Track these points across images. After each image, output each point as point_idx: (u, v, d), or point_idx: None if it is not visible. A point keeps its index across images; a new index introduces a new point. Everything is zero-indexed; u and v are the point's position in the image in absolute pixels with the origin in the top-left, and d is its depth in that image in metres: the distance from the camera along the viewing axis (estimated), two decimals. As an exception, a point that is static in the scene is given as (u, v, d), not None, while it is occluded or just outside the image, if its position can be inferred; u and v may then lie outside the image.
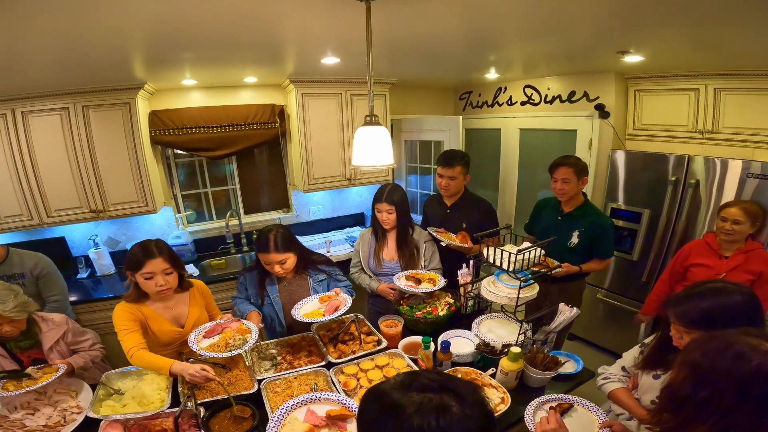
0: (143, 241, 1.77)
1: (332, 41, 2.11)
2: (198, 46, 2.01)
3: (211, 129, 3.10)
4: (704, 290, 1.21)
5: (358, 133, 1.54)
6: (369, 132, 1.53)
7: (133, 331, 1.69)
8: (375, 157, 1.52)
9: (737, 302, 1.15)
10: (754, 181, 2.35)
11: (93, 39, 1.65)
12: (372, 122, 1.54)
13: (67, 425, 1.48)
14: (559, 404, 1.54)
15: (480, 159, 4.13)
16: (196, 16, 1.49)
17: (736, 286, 1.19)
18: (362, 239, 2.49)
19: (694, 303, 1.20)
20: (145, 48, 1.96)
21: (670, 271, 2.39)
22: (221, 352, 1.65)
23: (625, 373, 1.53)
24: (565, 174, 2.30)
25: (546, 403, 1.57)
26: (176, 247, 3.16)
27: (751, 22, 1.64)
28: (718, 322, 1.15)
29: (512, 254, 1.69)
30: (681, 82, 2.72)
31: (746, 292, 1.17)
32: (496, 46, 2.38)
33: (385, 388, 0.74)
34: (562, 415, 1.51)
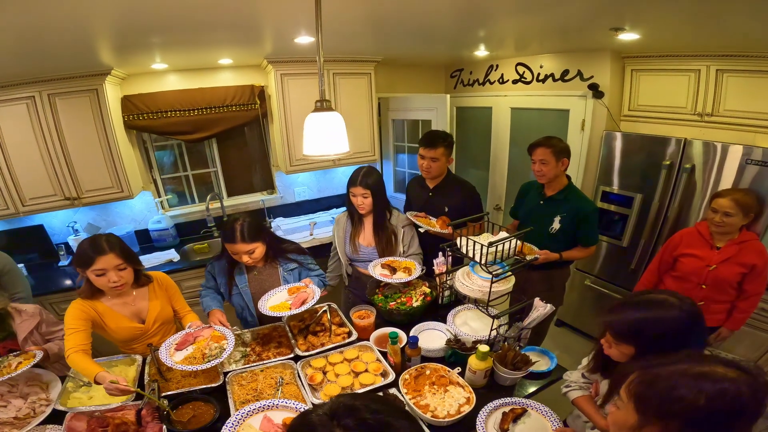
0: (93, 236, 1.68)
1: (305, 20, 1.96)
2: (166, 30, 1.88)
3: (187, 112, 2.98)
4: (641, 300, 1.12)
5: (307, 120, 1.41)
6: (320, 119, 1.40)
7: (78, 331, 1.62)
8: (328, 145, 1.40)
9: (673, 318, 1.04)
10: (753, 168, 2.19)
11: (51, 26, 1.55)
12: (323, 108, 1.41)
13: (36, 417, 1.46)
14: (512, 409, 1.46)
15: (471, 138, 3.98)
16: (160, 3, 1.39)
17: (680, 301, 1.07)
18: (338, 224, 2.39)
19: (626, 313, 1.11)
20: (109, 34, 1.84)
21: (659, 261, 2.28)
22: (199, 364, 1.57)
23: (585, 379, 1.45)
24: (542, 155, 2.18)
25: (499, 407, 1.49)
26: (157, 232, 3.11)
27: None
28: (644, 336, 1.06)
29: (483, 246, 1.58)
30: (681, 62, 2.54)
31: (688, 309, 1.05)
32: (487, 21, 2.20)
33: (312, 420, 0.66)
34: (516, 421, 1.43)
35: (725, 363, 0.79)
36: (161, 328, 1.91)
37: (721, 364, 0.78)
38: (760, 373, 0.78)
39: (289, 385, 1.64)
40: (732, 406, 0.74)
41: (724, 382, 0.75)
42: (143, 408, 1.44)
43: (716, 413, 0.74)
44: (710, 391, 0.74)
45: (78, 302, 1.70)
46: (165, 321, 1.92)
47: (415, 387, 1.60)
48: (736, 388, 0.74)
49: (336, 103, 3.22)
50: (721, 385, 0.75)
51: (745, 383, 0.74)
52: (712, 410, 0.74)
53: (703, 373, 0.77)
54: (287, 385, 1.64)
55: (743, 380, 0.75)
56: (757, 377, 0.76)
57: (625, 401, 0.86)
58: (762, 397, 0.74)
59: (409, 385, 1.60)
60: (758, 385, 0.75)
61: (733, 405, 0.74)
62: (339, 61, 3.11)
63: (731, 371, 0.77)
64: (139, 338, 1.85)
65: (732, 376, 0.75)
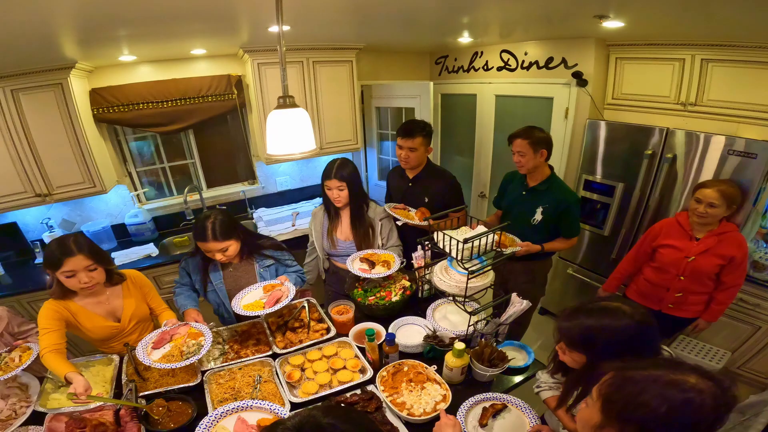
0: (60, 237, 1.64)
1: None
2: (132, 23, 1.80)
3: (161, 104, 2.87)
4: (593, 308, 1.10)
5: (270, 117, 1.35)
6: (284, 116, 1.34)
7: (51, 331, 1.59)
8: (292, 144, 1.34)
9: (622, 327, 1.03)
10: (735, 159, 2.17)
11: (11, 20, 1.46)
12: (286, 104, 1.35)
13: (18, 418, 1.46)
14: (492, 405, 1.46)
15: (456, 125, 3.94)
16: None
17: (632, 310, 1.06)
18: (314, 218, 2.34)
19: (579, 320, 1.10)
20: (71, 28, 1.75)
21: (637, 250, 2.28)
22: (177, 362, 1.54)
23: (555, 379, 1.44)
24: (520, 147, 2.15)
25: (480, 402, 1.49)
26: (134, 226, 3.05)
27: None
28: (596, 345, 1.06)
29: (459, 242, 1.55)
30: (666, 51, 2.50)
31: (638, 319, 1.04)
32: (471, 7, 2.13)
33: None
34: (496, 416, 1.44)
35: (700, 373, 0.78)
36: (137, 326, 1.89)
37: (694, 374, 0.77)
38: (730, 387, 0.77)
39: (267, 383, 1.63)
40: (691, 418, 0.73)
41: (691, 392, 0.74)
42: (121, 408, 1.44)
43: (674, 423, 0.74)
44: (675, 400, 0.74)
45: (50, 302, 1.68)
46: (141, 319, 1.89)
47: (392, 384, 1.60)
48: (700, 400, 0.73)
49: (316, 92, 3.14)
50: (687, 395, 0.74)
51: (710, 396, 0.74)
52: (670, 419, 0.74)
53: (673, 382, 0.77)
54: (265, 383, 1.62)
55: (710, 392, 0.74)
56: (725, 391, 0.75)
57: (594, 400, 0.86)
58: (723, 412, 0.74)
59: (387, 383, 1.60)
60: (724, 399, 0.74)
61: (693, 416, 0.73)
62: (319, 48, 3.01)
63: (702, 382, 0.76)
64: (115, 337, 1.83)
65: (700, 387, 0.74)
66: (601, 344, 1.06)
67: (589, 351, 1.10)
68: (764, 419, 1.72)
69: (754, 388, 2.56)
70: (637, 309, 1.08)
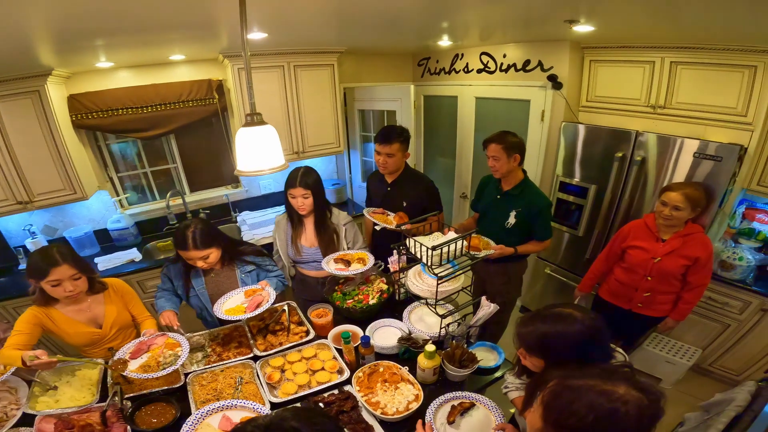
0: (43, 248, 1.70)
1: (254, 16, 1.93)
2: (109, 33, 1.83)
3: (140, 109, 2.90)
4: (548, 314, 1.17)
5: (238, 135, 1.38)
6: (252, 134, 1.36)
7: (22, 333, 1.67)
8: (262, 161, 1.37)
9: (574, 332, 1.10)
10: (702, 162, 2.26)
11: None
12: (254, 122, 1.38)
13: (9, 420, 1.53)
14: (461, 403, 1.55)
15: (438, 126, 4.01)
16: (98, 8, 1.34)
17: (582, 315, 1.13)
18: (278, 227, 2.36)
19: (535, 327, 1.17)
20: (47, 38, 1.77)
21: (608, 251, 2.37)
22: (155, 372, 1.60)
23: (522, 381, 1.53)
24: (494, 151, 2.21)
25: (450, 400, 1.58)
26: (117, 232, 3.09)
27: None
28: (552, 349, 1.13)
29: (429, 249, 1.63)
30: (638, 53, 2.56)
31: (588, 324, 1.11)
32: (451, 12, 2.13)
33: None
34: (463, 414, 1.52)
35: (631, 383, 0.84)
36: (119, 333, 1.94)
37: (625, 384, 0.83)
38: (658, 399, 0.84)
39: (248, 384, 1.70)
40: (616, 427, 0.79)
41: (617, 402, 0.80)
42: (108, 409, 1.52)
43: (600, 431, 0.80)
44: (601, 410, 0.80)
45: (32, 308, 1.75)
46: (123, 326, 1.95)
47: (368, 384, 1.67)
48: (624, 410, 0.79)
49: (298, 96, 3.19)
50: (613, 405, 0.79)
51: (635, 407, 0.79)
52: (596, 428, 0.80)
53: (603, 392, 0.82)
54: (246, 384, 1.70)
55: (635, 403, 0.80)
56: (652, 402, 0.81)
57: (537, 406, 0.92)
58: (647, 423, 0.80)
59: (362, 383, 1.68)
60: (650, 410, 0.80)
61: (617, 426, 0.79)
62: (300, 53, 3.06)
63: (630, 393, 0.81)
64: (97, 343, 1.89)
65: (627, 398, 0.80)
66: (556, 349, 1.13)
67: (546, 355, 1.16)
68: (725, 419, 1.75)
69: (726, 384, 2.68)
70: (588, 314, 1.14)
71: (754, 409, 1.71)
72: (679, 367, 2.62)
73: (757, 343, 2.47)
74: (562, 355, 1.12)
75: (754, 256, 2.40)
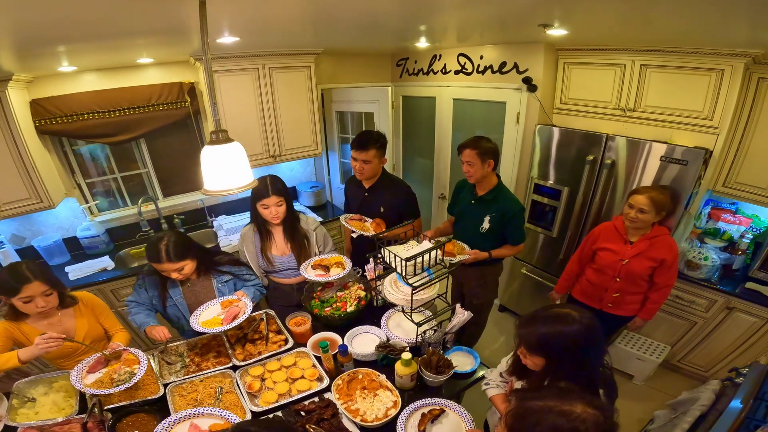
0: (13, 265, 1.70)
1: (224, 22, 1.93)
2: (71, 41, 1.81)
3: (107, 114, 2.85)
4: (547, 315, 1.26)
5: (203, 153, 1.36)
6: (218, 152, 1.34)
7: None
8: (229, 179, 1.35)
9: (573, 332, 1.20)
10: (669, 165, 2.38)
11: None
12: (219, 140, 1.35)
13: None
14: (431, 410, 1.61)
15: (417, 127, 4.08)
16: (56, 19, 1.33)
17: (579, 315, 1.23)
18: (244, 239, 2.35)
19: (535, 327, 1.25)
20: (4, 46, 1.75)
21: (580, 252, 2.48)
22: (108, 388, 1.62)
23: (502, 378, 1.62)
24: (468, 157, 2.26)
25: (420, 408, 1.65)
26: (87, 239, 3.06)
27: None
28: (553, 348, 1.22)
29: (402, 260, 1.70)
30: (609, 56, 2.65)
31: (586, 323, 1.21)
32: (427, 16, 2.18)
33: None
34: (434, 421, 1.59)
35: (586, 402, 0.92)
36: (92, 345, 1.94)
37: (581, 403, 0.91)
38: (611, 416, 0.94)
39: (228, 394, 1.74)
40: None
41: (577, 422, 0.88)
42: (88, 421, 1.54)
43: None
44: (563, 430, 0.88)
45: (3, 322, 1.76)
46: (95, 339, 1.96)
47: (347, 392, 1.73)
48: (584, 429, 0.87)
49: (274, 99, 3.20)
50: (573, 424, 0.88)
51: (593, 424, 0.88)
52: None
53: (562, 412, 0.90)
54: (227, 394, 1.74)
55: (593, 421, 0.88)
56: (607, 419, 0.91)
57: (502, 428, 1.00)
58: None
59: (342, 390, 1.74)
60: (606, 426, 0.90)
61: None
62: (275, 54, 3.07)
63: (586, 411, 0.90)
64: (70, 356, 1.91)
65: (584, 417, 0.89)
66: (556, 347, 1.22)
67: (546, 354, 1.26)
68: (690, 418, 1.85)
69: (695, 380, 2.86)
70: (585, 314, 1.24)
71: (718, 408, 1.82)
72: (649, 364, 2.77)
73: (723, 340, 2.63)
74: (562, 354, 1.22)
75: (719, 256, 2.56)
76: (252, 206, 2.24)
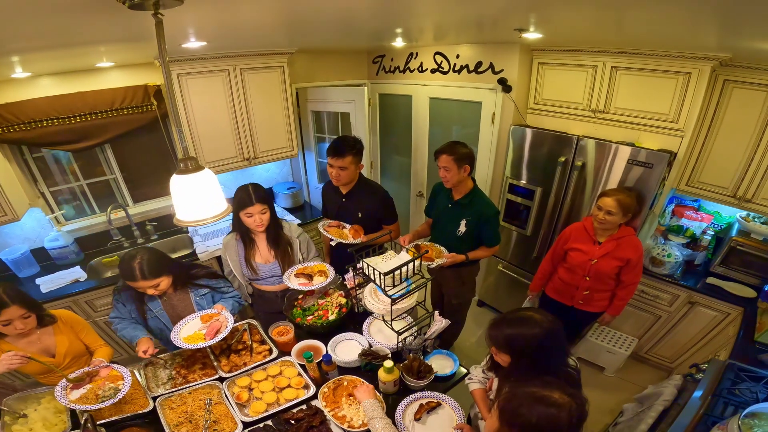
0: None
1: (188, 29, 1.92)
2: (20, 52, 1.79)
3: (67, 120, 2.79)
4: (513, 318, 1.46)
5: (172, 183, 1.32)
6: (188, 182, 1.29)
7: None
8: (202, 209, 1.32)
9: (534, 335, 1.39)
10: (634, 167, 2.53)
11: None
12: (188, 168, 1.29)
13: None
14: (428, 402, 1.79)
15: (394, 125, 4.17)
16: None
17: (541, 319, 1.41)
18: (227, 248, 2.39)
19: (502, 329, 1.45)
20: None
21: (553, 252, 2.65)
22: (93, 404, 1.67)
23: (484, 375, 1.77)
24: (444, 162, 2.34)
25: (418, 399, 1.81)
26: (56, 250, 3.03)
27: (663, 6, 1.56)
28: (517, 347, 1.42)
29: (381, 274, 1.79)
30: (582, 57, 2.75)
31: (546, 327, 1.39)
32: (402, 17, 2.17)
33: None
34: (430, 413, 1.77)
35: (563, 390, 1.12)
36: (74, 361, 1.99)
37: (558, 391, 1.11)
38: (583, 403, 1.13)
39: (218, 405, 1.83)
40: (553, 426, 1.07)
41: (552, 407, 1.07)
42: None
43: (541, 429, 1.08)
44: (541, 413, 1.08)
45: None
46: (77, 355, 2.01)
47: (333, 399, 1.85)
48: (558, 414, 1.07)
49: (246, 100, 3.21)
50: (549, 410, 1.08)
51: (566, 410, 1.07)
52: (538, 427, 1.08)
53: (542, 397, 1.10)
54: (216, 405, 1.82)
55: (567, 407, 1.08)
56: (579, 407, 1.09)
57: (494, 410, 1.19)
58: (575, 423, 1.08)
59: (328, 398, 1.85)
60: (577, 413, 1.08)
61: (554, 425, 1.07)
62: (247, 55, 3.06)
63: (564, 398, 1.09)
64: (53, 372, 1.91)
65: (560, 403, 1.08)
66: (520, 347, 1.41)
67: (512, 352, 1.44)
68: (654, 413, 1.97)
69: (661, 371, 3.11)
70: (547, 317, 1.43)
71: (680, 403, 1.97)
72: (619, 357, 3.00)
73: (686, 333, 2.87)
74: (525, 353, 1.41)
75: (681, 252, 2.77)
76: (234, 215, 2.27)
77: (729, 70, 2.39)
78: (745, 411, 1.55)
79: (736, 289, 2.62)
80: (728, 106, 2.47)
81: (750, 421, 1.55)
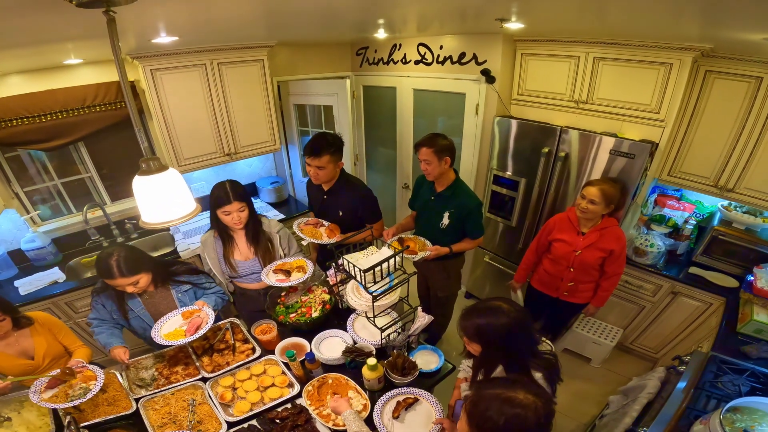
0: None
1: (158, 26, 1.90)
2: None
3: (38, 118, 2.75)
4: (482, 308, 1.50)
5: (135, 185, 1.28)
6: (151, 183, 1.26)
7: None
8: (168, 210, 1.30)
9: (501, 324, 1.43)
10: (617, 158, 2.57)
11: None
12: (151, 169, 1.26)
13: None
14: (405, 398, 1.81)
15: (379, 117, 4.18)
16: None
17: (509, 309, 1.45)
18: (205, 246, 2.38)
19: (472, 319, 1.49)
20: None
21: (537, 243, 2.69)
22: (62, 402, 1.68)
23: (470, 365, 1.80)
24: (425, 155, 2.36)
25: (395, 396, 1.83)
26: (33, 252, 3.02)
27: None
28: (485, 336, 1.47)
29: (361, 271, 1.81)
30: (565, 48, 2.77)
31: (513, 316, 1.44)
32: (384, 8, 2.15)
33: None
34: (408, 409, 1.80)
35: (527, 390, 1.12)
36: (54, 362, 2.00)
37: (523, 391, 1.12)
38: (549, 402, 1.14)
39: (202, 405, 1.85)
40: (520, 428, 1.08)
41: (519, 408, 1.08)
42: None
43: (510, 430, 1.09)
44: (508, 414, 1.08)
45: None
46: (56, 356, 2.02)
47: (318, 397, 1.87)
48: (525, 414, 1.07)
49: (225, 95, 3.19)
50: (516, 410, 1.08)
51: (533, 410, 1.08)
52: (507, 429, 1.09)
53: (508, 399, 1.10)
54: (200, 405, 1.84)
55: (533, 407, 1.08)
56: (545, 405, 1.11)
57: (462, 414, 1.20)
58: (544, 422, 1.09)
59: (313, 396, 1.87)
60: (543, 412, 1.10)
61: (521, 427, 1.08)
62: (224, 49, 3.03)
63: (529, 398, 1.09)
64: (33, 373, 1.93)
65: (526, 403, 1.08)
66: (488, 336, 1.45)
67: (481, 341, 1.49)
68: (639, 406, 1.98)
69: (646, 361, 3.19)
70: (515, 308, 1.46)
71: (663, 395, 2.00)
72: (604, 348, 3.08)
73: (670, 323, 2.94)
74: (493, 342, 1.46)
75: (664, 242, 2.83)
76: (212, 213, 2.26)
77: (710, 61, 2.42)
78: (727, 405, 1.56)
79: (718, 279, 2.69)
80: (710, 97, 2.51)
81: (732, 415, 1.58)
